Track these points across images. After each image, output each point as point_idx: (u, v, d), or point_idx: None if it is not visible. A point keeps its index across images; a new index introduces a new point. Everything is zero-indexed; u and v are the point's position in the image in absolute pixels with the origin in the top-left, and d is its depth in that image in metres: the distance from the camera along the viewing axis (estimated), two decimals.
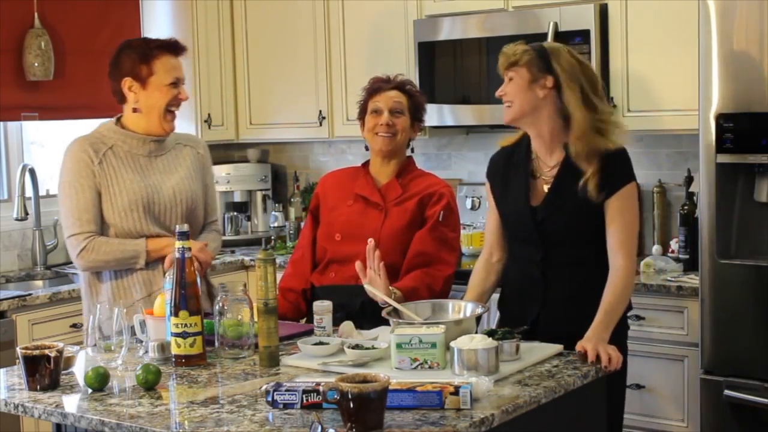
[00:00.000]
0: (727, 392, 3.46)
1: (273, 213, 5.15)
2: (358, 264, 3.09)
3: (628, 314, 3.03)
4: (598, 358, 2.66)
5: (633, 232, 2.88)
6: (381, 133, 3.34)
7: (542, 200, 2.93)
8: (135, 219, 3.21)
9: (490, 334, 2.60)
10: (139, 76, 3.24)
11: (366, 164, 3.46)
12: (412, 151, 3.52)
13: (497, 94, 2.95)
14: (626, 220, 2.85)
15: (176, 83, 3.27)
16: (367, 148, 3.50)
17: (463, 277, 3.89)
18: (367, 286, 3.05)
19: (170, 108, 3.28)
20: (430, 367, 2.53)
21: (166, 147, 3.35)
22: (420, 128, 3.46)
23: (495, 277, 3.13)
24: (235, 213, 5.27)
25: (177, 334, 2.72)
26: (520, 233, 3.02)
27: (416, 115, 3.40)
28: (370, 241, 3.10)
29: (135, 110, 3.28)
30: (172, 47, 3.29)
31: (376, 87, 3.39)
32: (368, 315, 3.10)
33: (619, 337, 2.87)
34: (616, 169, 2.86)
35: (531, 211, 2.95)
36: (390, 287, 3.07)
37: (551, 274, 2.95)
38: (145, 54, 3.25)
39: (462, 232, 4.47)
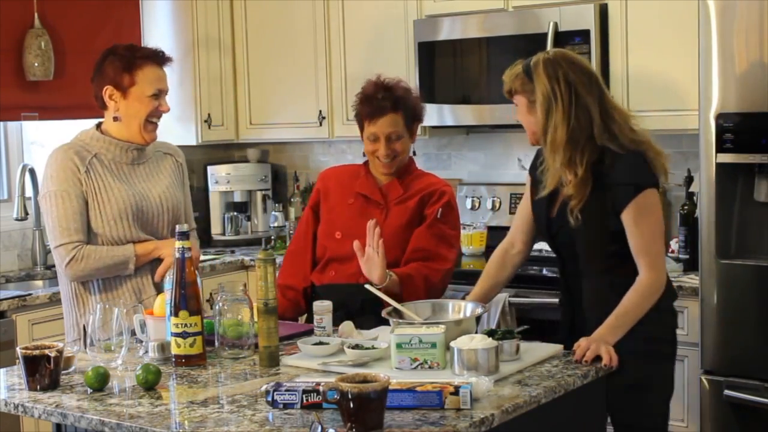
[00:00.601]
0: (727, 392, 3.46)
1: (273, 213, 5.15)
2: (356, 243, 3.09)
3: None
4: (596, 357, 2.67)
5: (651, 241, 2.80)
6: (381, 159, 3.31)
7: (556, 212, 2.92)
8: (124, 227, 3.19)
9: (490, 334, 2.61)
10: (121, 86, 3.21)
11: (367, 162, 3.45)
12: (414, 153, 3.50)
13: (516, 119, 2.97)
14: (641, 230, 2.79)
15: (158, 95, 3.24)
16: (365, 154, 3.46)
17: (464, 277, 3.91)
18: (367, 285, 3.06)
19: (151, 119, 3.26)
20: (430, 367, 2.53)
21: (147, 155, 3.32)
22: (418, 127, 3.42)
23: (510, 270, 3.13)
24: (235, 213, 5.27)
25: (177, 334, 2.72)
26: (546, 242, 3.04)
27: (414, 121, 3.36)
28: (372, 222, 3.09)
29: (115, 119, 3.25)
30: (157, 58, 3.26)
31: (373, 108, 3.28)
32: (368, 314, 3.10)
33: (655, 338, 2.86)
34: (618, 184, 2.81)
35: (548, 222, 2.95)
36: (386, 270, 3.08)
37: (573, 285, 2.96)
38: (128, 63, 3.21)
39: (462, 232, 4.47)
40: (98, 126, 3.31)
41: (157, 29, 4.97)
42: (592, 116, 2.82)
